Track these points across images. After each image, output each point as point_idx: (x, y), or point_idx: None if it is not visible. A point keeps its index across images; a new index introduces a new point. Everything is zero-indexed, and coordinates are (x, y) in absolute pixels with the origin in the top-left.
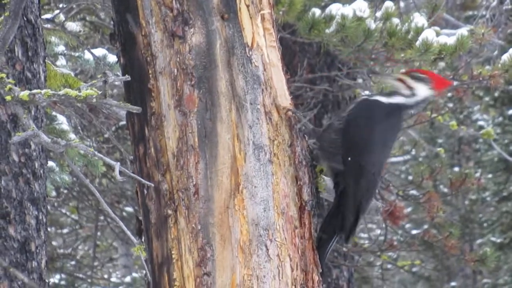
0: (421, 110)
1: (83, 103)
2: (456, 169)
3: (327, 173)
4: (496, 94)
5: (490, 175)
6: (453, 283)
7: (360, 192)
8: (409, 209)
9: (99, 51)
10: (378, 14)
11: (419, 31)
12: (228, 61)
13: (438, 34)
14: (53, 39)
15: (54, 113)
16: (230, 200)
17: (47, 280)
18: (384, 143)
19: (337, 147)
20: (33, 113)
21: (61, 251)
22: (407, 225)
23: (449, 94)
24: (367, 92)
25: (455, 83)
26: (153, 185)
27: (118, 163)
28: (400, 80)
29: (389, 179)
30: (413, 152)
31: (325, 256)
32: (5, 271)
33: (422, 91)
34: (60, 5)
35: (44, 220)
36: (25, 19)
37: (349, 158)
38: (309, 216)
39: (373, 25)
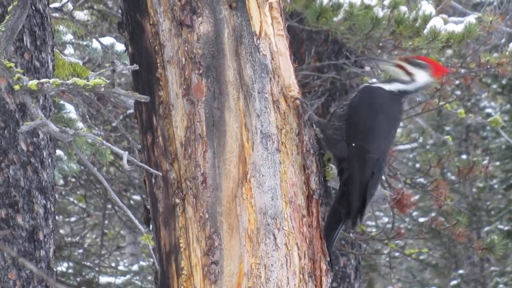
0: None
1: (91, 92)
2: (464, 156)
3: (332, 161)
4: (504, 82)
5: (497, 163)
6: (460, 271)
7: (365, 177)
8: (416, 197)
9: (107, 40)
10: (386, 2)
11: (426, 19)
12: (236, 50)
13: (445, 22)
14: (61, 28)
15: (62, 102)
16: (238, 189)
17: (54, 269)
18: (387, 128)
19: (341, 133)
20: (41, 102)
21: (69, 239)
22: (415, 213)
23: (457, 82)
24: (373, 80)
25: (462, 70)
26: (161, 174)
27: (126, 152)
28: (400, 66)
29: (397, 167)
30: (421, 140)
31: (332, 243)
32: (14, 260)
33: (422, 77)
34: None
35: (52, 209)
36: (33, 8)
37: (353, 144)
38: (317, 204)
39: (380, 13)
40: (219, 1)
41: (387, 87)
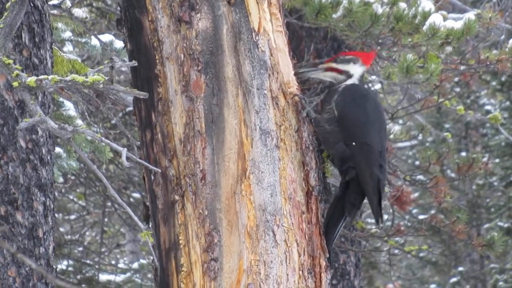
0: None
1: (90, 89)
2: (463, 153)
3: (334, 162)
4: (503, 79)
5: (497, 160)
6: (460, 268)
7: (376, 171)
8: (416, 194)
9: (106, 37)
10: None
11: (426, 15)
12: (234, 46)
13: (445, 19)
14: (60, 25)
15: (61, 99)
16: (237, 186)
17: (54, 266)
18: (378, 119)
19: (336, 135)
20: (40, 99)
21: (69, 237)
22: (414, 210)
23: (456, 79)
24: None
25: (462, 67)
26: (160, 170)
27: (125, 149)
28: (330, 69)
29: (396, 164)
30: (420, 137)
31: (333, 240)
32: (13, 257)
33: (356, 69)
34: None
35: (52, 206)
36: (32, 5)
37: (354, 143)
38: (316, 201)
39: (380, 10)
40: None
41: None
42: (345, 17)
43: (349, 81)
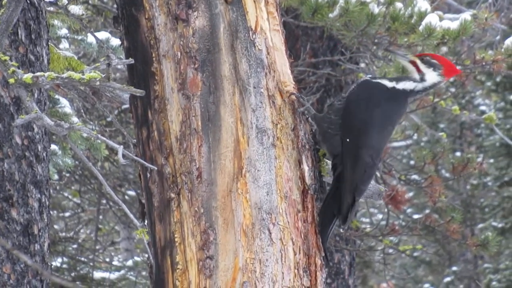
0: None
1: (87, 86)
2: (458, 154)
3: (327, 156)
4: (498, 79)
5: (492, 160)
6: (454, 268)
7: (357, 175)
8: (411, 194)
9: (102, 34)
10: None
11: (422, 15)
12: (231, 44)
13: (441, 19)
14: (56, 22)
15: (57, 96)
16: (233, 184)
17: (49, 263)
18: (383, 126)
19: (336, 128)
20: (36, 96)
21: (63, 234)
22: (409, 210)
23: (451, 79)
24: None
25: (457, 67)
26: (156, 168)
27: (121, 146)
28: (413, 63)
29: (391, 163)
30: (415, 137)
31: (326, 239)
32: (8, 253)
33: (432, 77)
34: None
35: (47, 203)
36: (28, 1)
37: (347, 140)
38: (312, 200)
39: (376, 10)
40: None
41: (391, 84)
42: (342, 17)
43: (419, 84)
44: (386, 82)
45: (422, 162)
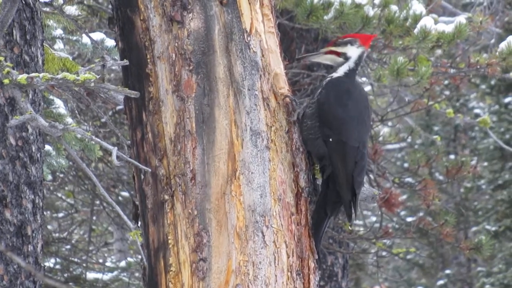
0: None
1: (81, 87)
2: (452, 156)
3: (314, 160)
4: (493, 82)
5: (485, 163)
6: (447, 271)
7: (349, 168)
8: (404, 197)
9: (97, 35)
10: (376, 1)
11: (417, 18)
12: (226, 46)
13: (436, 22)
14: (51, 22)
15: (51, 97)
16: (227, 186)
17: (42, 264)
18: (359, 115)
19: (316, 131)
20: (30, 96)
21: (57, 235)
22: (402, 213)
23: (446, 82)
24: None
25: (452, 70)
26: (150, 170)
27: (115, 147)
28: (329, 52)
29: (385, 166)
30: (409, 140)
31: (319, 241)
32: (1, 254)
33: (353, 51)
34: None
35: (41, 204)
36: (23, 2)
37: (330, 139)
38: (306, 202)
39: (371, 12)
40: None
41: (337, 75)
42: (337, 19)
43: (346, 65)
44: (336, 76)
45: (416, 165)
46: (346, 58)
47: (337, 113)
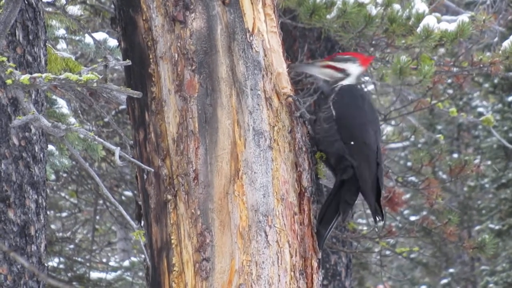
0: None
1: (84, 88)
2: (456, 155)
3: (330, 161)
4: (496, 81)
5: (489, 162)
6: (451, 270)
7: (373, 168)
8: (408, 196)
9: (100, 35)
10: (379, 0)
11: (420, 17)
12: (229, 46)
13: (439, 21)
14: (54, 22)
15: (54, 97)
16: (229, 186)
17: (46, 264)
18: (373, 119)
19: (333, 134)
20: (33, 96)
21: (60, 234)
22: (406, 212)
23: (449, 81)
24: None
25: (455, 69)
26: (153, 170)
27: (118, 147)
28: (328, 66)
29: (389, 165)
30: (413, 139)
31: (324, 240)
32: (5, 254)
33: (354, 69)
34: None
35: (44, 204)
36: (26, 2)
37: (352, 142)
38: (309, 202)
39: (374, 11)
40: None
41: (348, 82)
42: (339, 18)
43: (346, 81)
44: (347, 83)
45: (419, 164)
46: (347, 75)
47: (357, 117)
